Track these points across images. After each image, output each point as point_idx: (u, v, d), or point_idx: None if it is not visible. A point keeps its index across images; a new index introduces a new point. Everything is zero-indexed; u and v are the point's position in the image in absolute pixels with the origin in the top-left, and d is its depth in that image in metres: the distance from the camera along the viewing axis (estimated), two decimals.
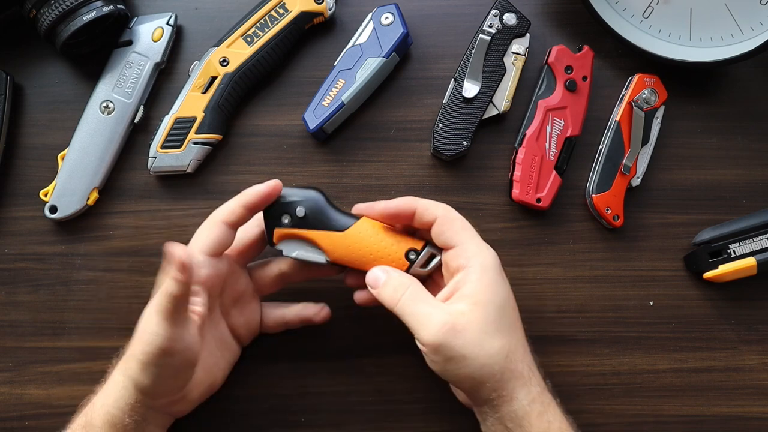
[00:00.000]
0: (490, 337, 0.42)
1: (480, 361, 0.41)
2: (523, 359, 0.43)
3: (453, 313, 0.42)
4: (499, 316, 0.43)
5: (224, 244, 0.46)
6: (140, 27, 0.57)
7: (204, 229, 0.46)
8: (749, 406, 0.55)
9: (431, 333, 0.41)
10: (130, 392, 0.43)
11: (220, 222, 0.46)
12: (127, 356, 0.43)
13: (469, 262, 0.43)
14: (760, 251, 0.54)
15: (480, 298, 0.42)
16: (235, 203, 0.46)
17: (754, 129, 0.59)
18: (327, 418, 0.54)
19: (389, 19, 0.56)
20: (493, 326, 0.42)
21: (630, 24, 0.57)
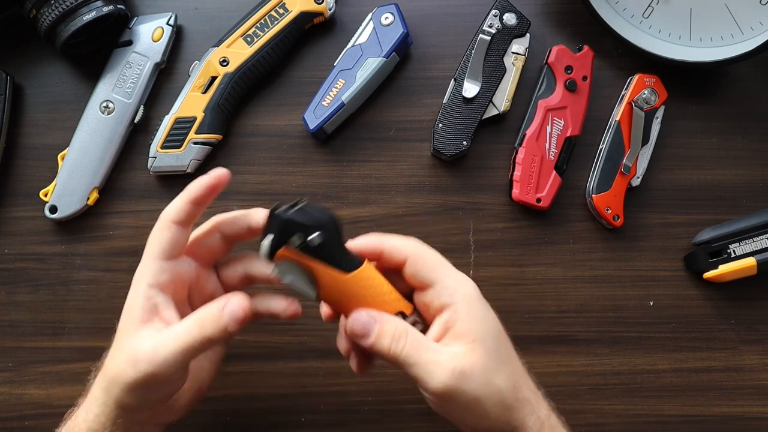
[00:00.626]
0: (496, 372, 0.40)
1: (493, 399, 0.39)
2: (526, 384, 0.42)
3: (456, 356, 0.39)
4: (496, 347, 0.41)
5: (179, 244, 0.43)
6: (140, 27, 0.57)
7: (155, 233, 0.43)
8: (749, 406, 0.55)
9: (441, 381, 0.38)
10: (111, 408, 0.41)
11: (169, 222, 0.42)
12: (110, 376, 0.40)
13: (452, 299, 0.41)
14: (760, 251, 0.54)
15: (476, 335, 0.40)
16: (181, 200, 0.43)
17: (754, 129, 0.59)
18: (327, 418, 0.54)
19: (389, 19, 0.56)
20: (495, 360, 0.40)
21: (630, 24, 0.57)
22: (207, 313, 0.40)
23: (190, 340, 0.39)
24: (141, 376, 0.38)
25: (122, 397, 0.40)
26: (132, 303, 0.41)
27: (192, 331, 0.39)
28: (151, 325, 0.40)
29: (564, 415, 0.54)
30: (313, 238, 0.40)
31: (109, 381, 0.40)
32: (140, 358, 0.39)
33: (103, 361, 0.43)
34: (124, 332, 0.41)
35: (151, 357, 0.38)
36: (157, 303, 0.41)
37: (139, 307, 0.41)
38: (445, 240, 0.56)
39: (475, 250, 0.56)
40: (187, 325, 0.40)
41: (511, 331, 0.55)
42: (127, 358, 0.39)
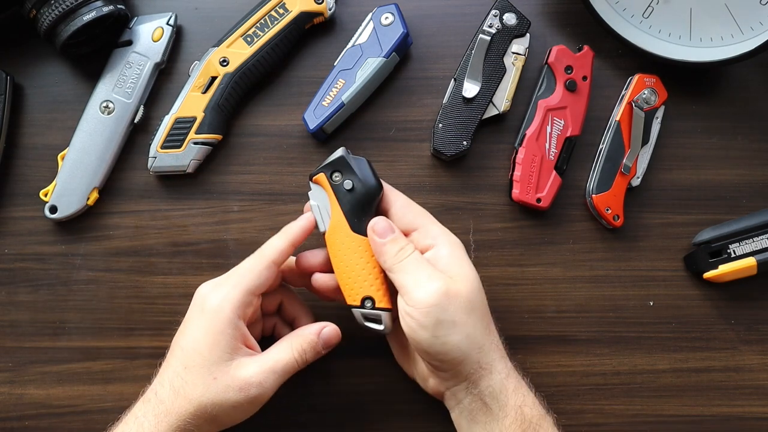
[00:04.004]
0: (474, 307, 0.44)
1: (467, 329, 0.43)
2: (496, 335, 0.46)
3: (445, 279, 0.44)
4: (478, 289, 0.45)
5: (271, 285, 0.48)
6: (140, 27, 0.57)
7: (254, 269, 0.46)
8: (749, 406, 0.55)
9: (428, 293, 0.43)
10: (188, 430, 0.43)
11: (271, 263, 0.46)
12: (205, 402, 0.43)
13: (436, 241, 0.45)
14: (760, 251, 0.54)
15: (460, 272, 0.44)
16: (284, 243, 0.47)
17: (754, 129, 0.59)
18: (327, 418, 0.54)
19: (389, 19, 0.56)
20: (475, 298, 0.44)
21: (630, 24, 0.57)
22: (305, 339, 0.46)
23: (292, 365, 0.45)
24: (250, 399, 0.43)
25: (218, 418, 0.44)
26: (222, 331, 0.44)
27: (294, 357, 0.45)
28: (242, 351, 0.45)
29: (564, 415, 0.55)
30: (347, 181, 0.47)
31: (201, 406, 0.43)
32: (251, 383, 0.43)
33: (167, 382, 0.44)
34: (218, 361, 0.44)
35: (261, 382, 0.43)
36: (245, 333, 0.46)
37: (231, 337, 0.44)
38: None
39: (475, 250, 0.56)
40: (286, 351, 0.45)
41: (511, 331, 0.55)
42: (230, 385, 0.43)
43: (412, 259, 0.45)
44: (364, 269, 0.47)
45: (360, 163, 0.47)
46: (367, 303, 0.47)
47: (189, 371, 0.44)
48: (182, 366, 0.44)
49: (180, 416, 0.43)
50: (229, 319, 0.44)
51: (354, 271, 0.47)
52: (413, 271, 0.44)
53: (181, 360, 0.44)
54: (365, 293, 0.47)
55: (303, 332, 0.47)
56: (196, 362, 0.44)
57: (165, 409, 0.43)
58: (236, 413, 0.44)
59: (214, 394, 0.43)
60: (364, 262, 0.47)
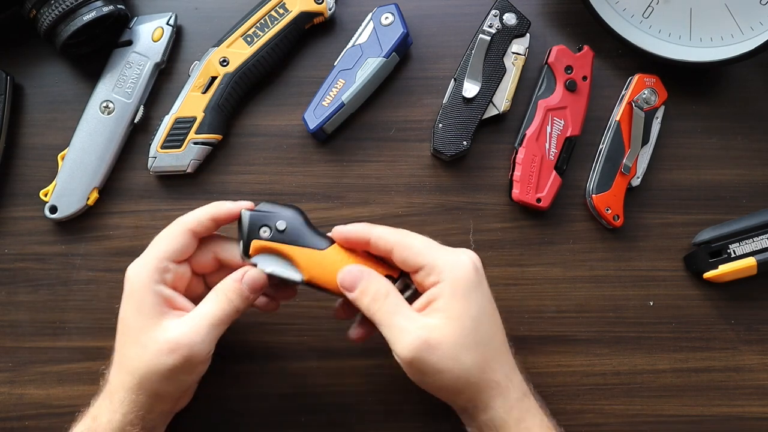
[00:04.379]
0: (465, 350, 0.42)
1: (454, 374, 0.42)
2: (501, 368, 0.43)
3: (427, 327, 0.42)
4: (474, 328, 0.42)
5: (187, 252, 0.46)
6: (140, 27, 0.57)
7: (169, 235, 0.45)
8: (749, 406, 0.55)
9: (405, 348, 0.41)
10: (142, 404, 0.43)
11: (186, 230, 0.45)
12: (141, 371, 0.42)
13: (440, 277, 0.43)
14: (760, 251, 0.54)
15: (454, 312, 0.42)
16: (205, 214, 0.46)
17: (754, 129, 0.59)
18: (327, 418, 0.54)
19: (389, 19, 0.56)
20: (468, 339, 0.42)
21: (630, 24, 0.57)
22: (228, 287, 0.44)
23: (220, 314, 0.43)
24: (182, 359, 0.41)
25: (159, 388, 0.42)
26: (142, 299, 0.43)
27: (221, 306, 0.43)
28: (170, 314, 0.43)
29: (564, 415, 0.55)
30: (278, 224, 0.45)
31: (140, 377, 0.42)
32: (179, 344, 0.41)
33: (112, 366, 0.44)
34: (144, 328, 0.42)
35: (189, 340, 0.41)
36: (169, 295, 0.44)
37: (152, 303, 0.43)
38: (445, 240, 0.55)
39: (475, 250, 0.56)
40: (212, 302, 0.43)
41: (511, 331, 0.55)
42: (159, 349, 0.41)
43: (385, 309, 0.42)
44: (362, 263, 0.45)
45: (264, 207, 0.46)
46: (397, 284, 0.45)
47: (124, 345, 0.43)
48: (119, 342, 0.44)
49: (127, 390, 0.42)
50: (146, 284, 0.43)
51: None
52: (390, 322, 0.42)
53: (118, 338, 0.44)
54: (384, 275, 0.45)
55: (225, 281, 0.44)
56: (127, 334, 0.43)
57: (113, 389, 0.43)
58: (179, 377, 0.42)
59: (147, 362, 0.42)
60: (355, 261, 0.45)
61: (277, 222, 0.45)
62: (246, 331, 0.54)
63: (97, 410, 0.44)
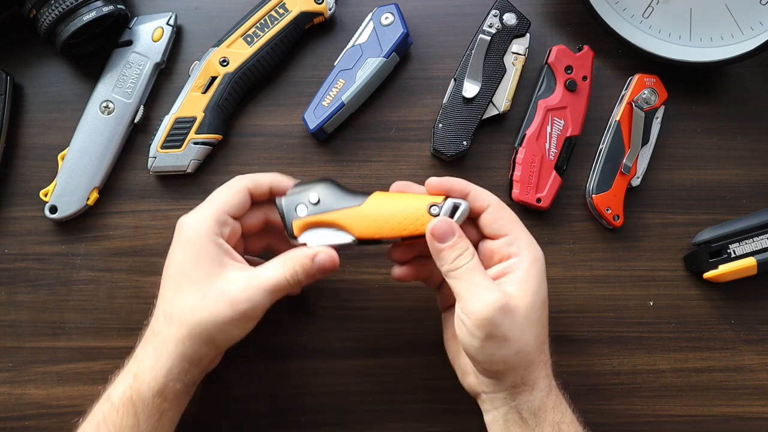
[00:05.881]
0: (531, 324, 0.43)
1: (518, 345, 0.42)
2: (547, 352, 0.45)
3: (506, 293, 0.43)
4: (541, 307, 0.44)
5: (244, 209, 0.47)
6: (140, 27, 0.57)
7: (230, 190, 0.46)
8: (749, 406, 0.55)
9: (483, 306, 0.41)
10: (188, 357, 0.43)
11: (245, 188, 0.46)
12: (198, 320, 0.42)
13: (521, 252, 0.44)
14: (760, 251, 0.54)
15: (529, 287, 0.43)
16: (264, 179, 0.47)
17: (754, 129, 0.59)
18: (327, 418, 0.54)
19: (389, 19, 0.56)
20: (536, 315, 0.43)
21: (630, 24, 0.57)
22: (298, 259, 0.44)
23: (282, 283, 0.43)
24: (240, 314, 0.42)
25: (211, 337, 0.43)
26: (202, 249, 0.43)
27: (285, 274, 0.43)
28: (231, 266, 0.44)
29: None
30: (310, 198, 0.46)
31: (195, 325, 0.42)
32: (240, 298, 0.42)
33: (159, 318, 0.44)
34: (205, 277, 0.43)
35: (251, 296, 0.42)
36: (228, 248, 0.44)
37: (214, 253, 0.43)
38: None
39: None
40: (278, 268, 0.44)
41: None
42: (220, 300, 0.42)
43: (470, 266, 0.43)
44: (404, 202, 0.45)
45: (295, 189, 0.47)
46: (434, 209, 0.45)
47: (179, 295, 0.43)
48: (172, 292, 0.44)
49: (177, 342, 0.43)
50: (207, 235, 0.44)
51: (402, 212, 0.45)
52: (471, 279, 0.43)
53: (170, 287, 0.44)
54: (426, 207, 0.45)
55: (297, 253, 0.44)
56: (183, 284, 0.43)
57: (162, 339, 0.43)
58: (231, 330, 0.43)
59: (206, 312, 0.42)
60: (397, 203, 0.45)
61: (310, 196, 0.46)
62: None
63: (139, 367, 0.43)
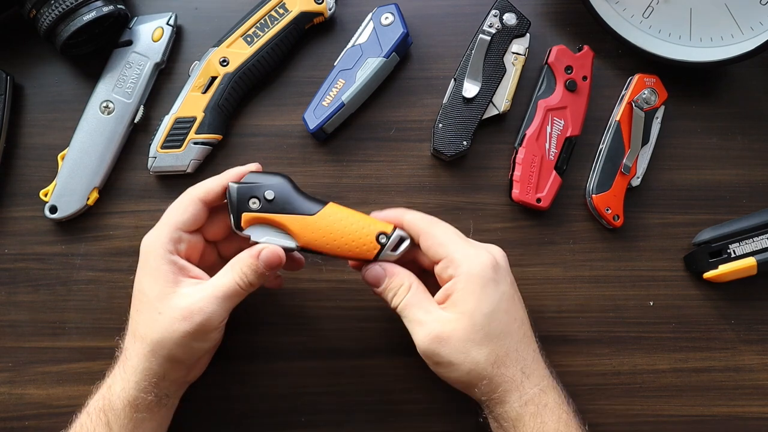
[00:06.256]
0: (476, 345, 0.43)
1: (466, 367, 0.43)
2: (515, 363, 0.44)
3: (440, 321, 0.43)
4: (486, 324, 0.43)
5: (199, 221, 0.47)
6: (140, 27, 0.57)
7: (181, 206, 0.46)
8: (749, 406, 0.55)
9: (421, 340, 0.44)
10: (155, 372, 0.44)
11: (197, 199, 0.46)
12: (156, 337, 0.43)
13: (456, 271, 0.44)
14: (760, 251, 0.54)
15: (466, 308, 0.43)
16: (214, 183, 0.47)
17: (754, 129, 0.59)
18: (327, 418, 0.54)
19: (389, 19, 0.56)
20: (479, 334, 0.43)
21: (630, 24, 0.57)
22: (243, 261, 0.44)
23: (234, 287, 0.44)
24: (196, 326, 0.43)
25: (172, 354, 0.43)
26: (157, 268, 0.44)
27: (235, 278, 0.44)
28: (185, 282, 0.44)
29: None
30: (266, 194, 0.45)
31: (154, 343, 0.43)
32: (192, 310, 0.43)
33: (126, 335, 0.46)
34: (160, 296, 0.44)
35: (203, 307, 0.43)
36: (183, 265, 0.45)
37: (167, 272, 0.44)
38: None
39: None
40: (227, 274, 0.44)
41: None
42: (174, 316, 0.43)
43: (404, 304, 0.45)
44: (354, 224, 0.45)
45: (251, 178, 0.46)
46: (382, 238, 0.45)
47: (140, 313, 0.45)
48: (135, 310, 0.45)
49: (141, 358, 0.44)
50: (161, 254, 0.44)
51: (350, 234, 0.45)
52: (408, 315, 0.44)
53: (134, 306, 0.46)
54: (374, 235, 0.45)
55: (242, 255, 0.45)
56: (143, 303, 0.44)
57: (128, 355, 0.45)
58: (190, 344, 0.44)
59: (162, 328, 0.43)
60: (347, 223, 0.45)
61: (265, 192, 0.45)
62: (247, 330, 0.54)
63: (112, 380, 0.45)
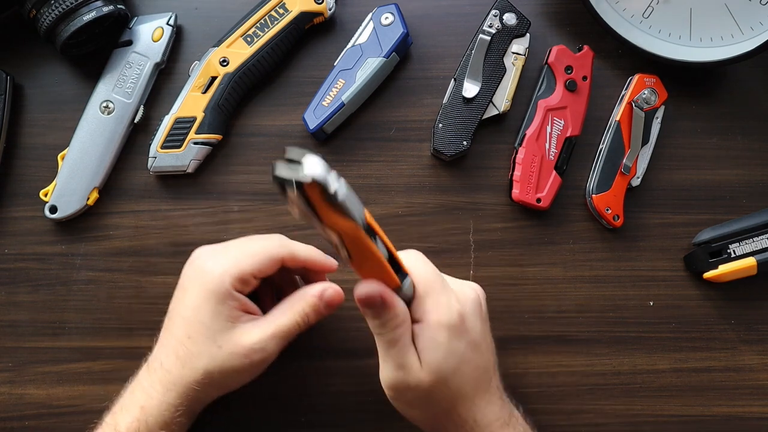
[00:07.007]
0: (431, 398, 0.43)
1: (424, 415, 0.44)
2: (467, 411, 0.44)
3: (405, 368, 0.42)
4: (446, 379, 0.42)
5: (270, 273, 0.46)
6: (140, 27, 0.57)
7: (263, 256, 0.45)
8: (749, 406, 0.55)
9: (384, 380, 0.44)
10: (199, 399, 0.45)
11: (279, 260, 0.46)
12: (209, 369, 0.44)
13: (423, 317, 0.42)
14: (760, 251, 0.54)
15: (429, 358, 0.42)
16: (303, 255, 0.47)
17: (754, 129, 0.59)
18: (327, 418, 0.54)
19: (389, 19, 0.56)
20: (434, 389, 0.42)
21: (630, 24, 0.57)
22: (307, 301, 0.45)
23: (293, 327, 0.45)
24: (255, 363, 0.44)
25: (223, 383, 0.45)
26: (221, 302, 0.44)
27: (296, 319, 0.45)
28: (243, 318, 0.45)
29: (564, 415, 0.55)
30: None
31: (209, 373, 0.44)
32: (254, 349, 0.44)
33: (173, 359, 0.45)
34: (221, 330, 0.44)
35: (265, 347, 0.44)
36: (244, 302, 0.45)
37: (231, 308, 0.45)
38: (445, 240, 0.56)
39: (475, 250, 0.56)
40: (288, 314, 0.45)
41: (511, 331, 0.55)
42: (234, 352, 0.44)
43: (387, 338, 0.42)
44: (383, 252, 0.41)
45: None
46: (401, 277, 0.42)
47: (193, 341, 0.44)
48: (186, 336, 0.45)
49: (188, 385, 0.44)
50: (229, 291, 0.44)
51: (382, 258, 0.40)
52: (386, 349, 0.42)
53: (183, 330, 0.45)
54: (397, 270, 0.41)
55: (305, 294, 0.45)
56: (199, 332, 0.44)
57: (172, 379, 0.44)
58: (241, 377, 0.45)
59: (220, 362, 0.44)
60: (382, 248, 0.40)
61: None
62: None
63: (149, 401, 0.45)
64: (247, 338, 0.44)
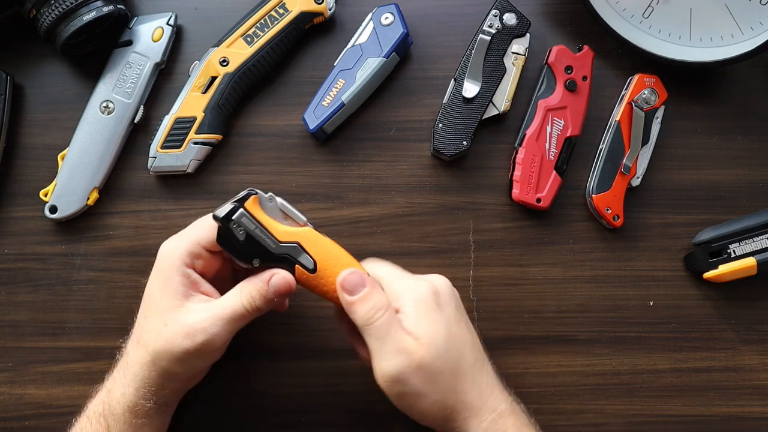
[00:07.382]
0: (439, 372, 0.42)
1: (433, 397, 0.42)
2: (473, 389, 0.43)
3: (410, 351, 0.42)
4: (445, 350, 0.43)
5: None
6: (140, 27, 0.57)
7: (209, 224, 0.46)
8: (749, 406, 0.55)
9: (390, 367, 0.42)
10: (155, 380, 0.44)
11: None
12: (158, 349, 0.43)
13: (399, 302, 0.43)
14: (760, 251, 0.54)
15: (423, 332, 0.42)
16: None
17: (754, 129, 0.59)
18: (327, 418, 0.54)
19: (389, 19, 0.56)
20: (439, 362, 0.42)
21: (630, 24, 0.57)
22: (253, 285, 0.44)
23: (240, 311, 0.43)
24: (197, 345, 0.42)
25: (170, 367, 0.43)
26: (170, 278, 0.44)
27: (242, 302, 0.44)
28: (195, 298, 0.44)
29: (564, 415, 0.55)
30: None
31: (154, 354, 0.43)
32: (196, 329, 0.42)
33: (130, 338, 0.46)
34: (168, 307, 0.43)
35: (207, 327, 0.42)
36: (196, 279, 0.45)
37: (179, 284, 0.44)
38: (445, 240, 0.56)
39: (475, 250, 0.56)
40: (235, 297, 0.44)
41: (511, 331, 0.55)
42: (178, 331, 0.43)
43: (381, 323, 0.42)
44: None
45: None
46: None
47: (147, 319, 0.45)
48: (142, 315, 0.45)
49: (141, 365, 0.44)
50: (176, 265, 0.44)
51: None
52: (382, 337, 0.42)
53: (141, 311, 0.46)
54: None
55: (253, 279, 0.45)
56: (151, 309, 0.44)
57: (130, 361, 0.45)
58: (190, 361, 0.43)
59: (164, 341, 0.43)
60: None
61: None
62: (246, 330, 0.54)
63: (112, 383, 0.45)
64: (191, 317, 0.43)
